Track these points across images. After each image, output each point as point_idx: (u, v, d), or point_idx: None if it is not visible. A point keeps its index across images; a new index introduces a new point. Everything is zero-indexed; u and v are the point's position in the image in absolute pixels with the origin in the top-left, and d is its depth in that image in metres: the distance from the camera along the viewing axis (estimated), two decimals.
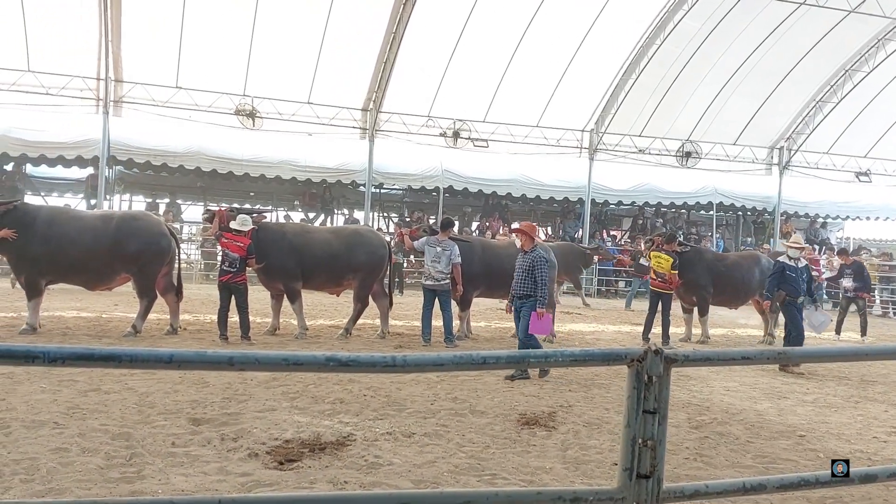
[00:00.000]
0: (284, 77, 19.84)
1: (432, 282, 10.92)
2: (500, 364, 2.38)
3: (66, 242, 10.00)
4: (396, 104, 21.08)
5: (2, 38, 17.76)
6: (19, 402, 6.32)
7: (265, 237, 10.76)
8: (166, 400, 6.72)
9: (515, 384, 8.24)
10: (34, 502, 3.65)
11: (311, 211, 23.68)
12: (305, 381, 7.77)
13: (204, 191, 23.99)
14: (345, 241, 11.44)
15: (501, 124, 22.06)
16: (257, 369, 2.07)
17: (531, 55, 20.35)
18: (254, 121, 20.01)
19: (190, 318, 11.95)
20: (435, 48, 19.95)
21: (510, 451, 5.72)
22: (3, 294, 13.61)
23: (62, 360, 1.84)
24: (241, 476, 4.91)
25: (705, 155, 24.34)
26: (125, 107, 19.28)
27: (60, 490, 4.49)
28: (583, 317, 16.30)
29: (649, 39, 20.91)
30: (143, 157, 20.10)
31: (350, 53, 19.70)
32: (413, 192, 24.42)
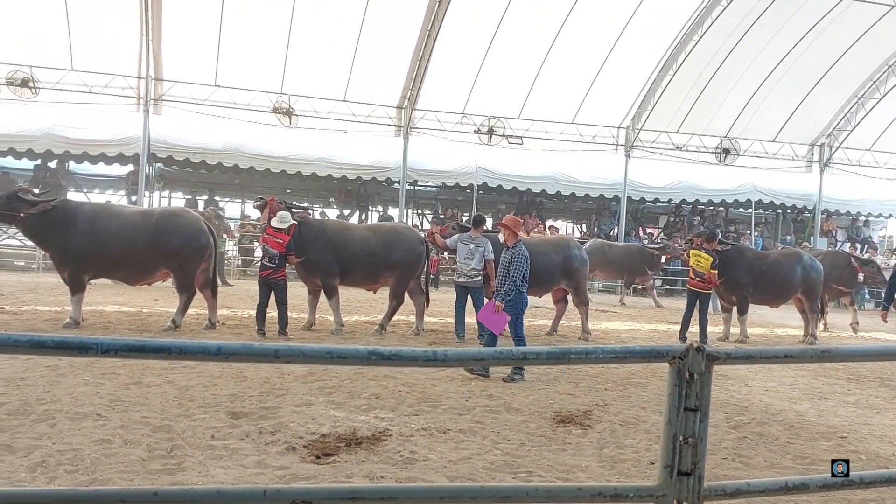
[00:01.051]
0: (321, 75, 19.99)
1: (465, 279, 10.93)
2: (541, 360, 2.38)
3: (108, 238, 10.19)
4: (431, 101, 21.12)
5: (47, 38, 18.13)
6: (63, 395, 6.45)
7: (306, 233, 10.86)
8: (206, 393, 6.81)
9: (551, 383, 8.21)
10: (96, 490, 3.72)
11: (346, 208, 23.83)
12: (341, 376, 7.82)
13: (241, 188, 24.27)
14: (383, 239, 11.51)
15: (536, 121, 21.98)
16: (302, 362, 2.10)
17: (567, 51, 20.24)
18: (290, 118, 20.19)
19: (228, 314, 12.09)
20: (470, 45, 19.95)
21: (545, 449, 5.70)
22: (48, 289, 13.90)
23: (114, 351, 1.88)
24: (279, 469, 4.97)
25: (744, 152, 24.02)
26: (165, 105, 19.59)
27: (104, 480, 4.57)
28: (618, 315, 16.19)
29: (687, 35, 20.68)
30: (182, 154, 20.41)
31: (385, 51, 19.78)
32: (447, 190, 24.45)
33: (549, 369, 8.71)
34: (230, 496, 2.08)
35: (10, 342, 1.98)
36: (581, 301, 12.22)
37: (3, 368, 7.23)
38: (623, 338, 12.76)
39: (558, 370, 8.75)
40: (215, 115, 19.82)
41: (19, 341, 1.95)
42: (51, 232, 10.11)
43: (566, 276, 12.09)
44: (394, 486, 3.97)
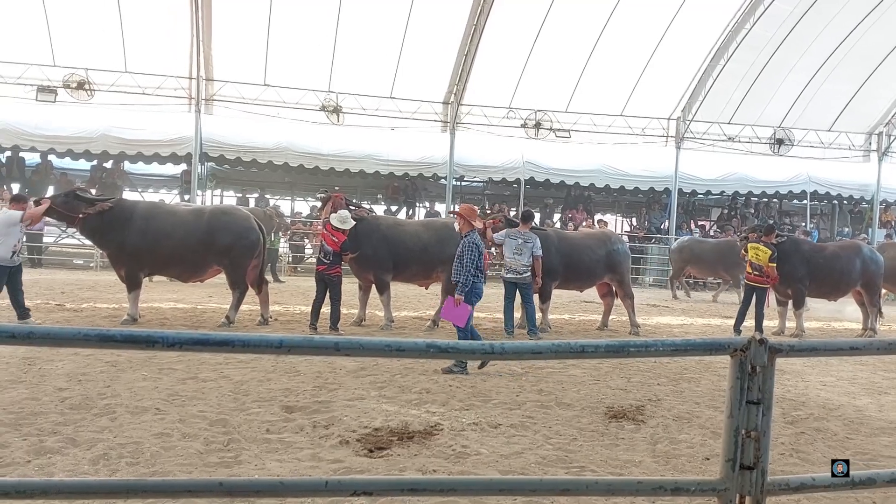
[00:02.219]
0: (367, 73, 20.10)
1: (513, 275, 10.91)
2: (599, 353, 2.36)
3: (162, 236, 10.42)
4: (477, 96, 21.08)
5: (102, 42, 18.56)
6: (123, 389, 6.61)
7: (360, 229, 10.97)
8: (260, 388, 6.91)
9: (602, 378, 8.15)
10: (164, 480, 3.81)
11: (393, 204, 23.95)
12: (392, 371, 7.88)
13: (291, 185, 24.58)
14: (435, 234, 11.58)
15: (584, 114, 21.77)
16: (361, 354, 2.12)
17: (614, 42, 20.00)
18: (339, 116, 20.36)
19: (280, 310, 12.24)
20: (516, 39, 19.86)
21: (598, 444, 5.66)
22: (106, 287, 14.25)
23: (179, 344, 1.92)
24: (333, 463, 5.02)
25: (798, 142, 23.45)
26: (216, 105, 19.92)
27: (164, 473, 4.67)
28: (670, 310, 15.97)
29: (738, 24, 20.27)
30: (233, 153, 20.74)
31: (431, 47, 19.79)
32: (494, 185, 24.38)
33: (599, 364, 8.64)
34: (292, 487, 2.11)
35: (79, 336, 2.04)
36: (626, 295, 12.13)
37: (66, 364, 7.44)
38: (675, 332, 12.58)
39: (610, 365, 8.67)
40: (265, 115, 20.09)
41: (88, 335, 2.01)
42: (108, 231, 10.37)
43: (610, 271, 12.02)
44: (453, 478, 3.98)
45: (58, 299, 12.29)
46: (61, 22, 18.17)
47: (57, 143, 19.76)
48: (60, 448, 4.98)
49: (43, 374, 7.02)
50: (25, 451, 4.87)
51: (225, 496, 2.07)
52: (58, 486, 2.10)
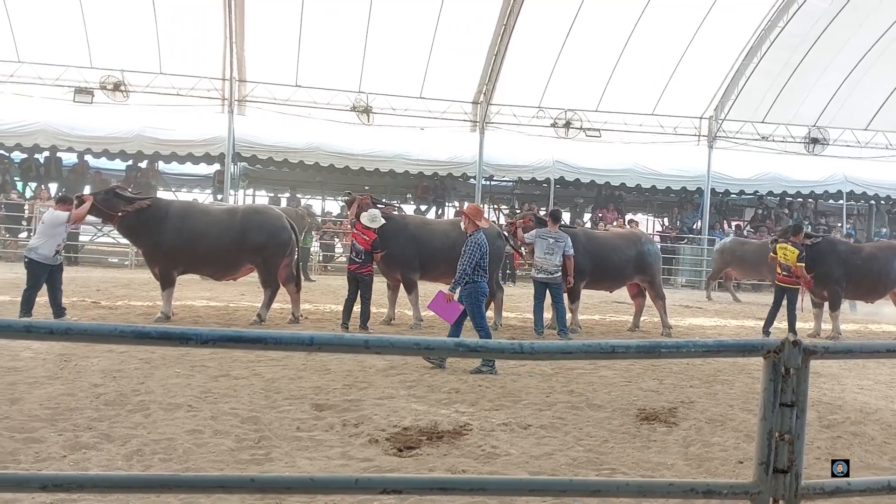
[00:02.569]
0: (397, 73, 20.17)
1: (545, 275, 10.88)
2: (630, 354, 2.34)
3: (196, 235, 10.56)
4: (506, 96, 21.04)
5: (137, 44, 18.83)
6: (157, 386, 6.69)
7: (387, 228, 11.01)
8: (291, 386, 6.97)
9: (634, 379, 8.08)
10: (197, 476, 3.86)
11: (422, 204, 23.98)
12: (421, 370, 7.89)
13: (322, 185, 24.73)
14: (462, 233, 11.56)
15: (615, 113, 21.61)
16: (391, 352, 2.12)
17: (646, 41, 19.84)
18: (369, 116, 20.44)
19: (310, 308, 12.32)
20: (546, 38, 19.78)
21: (629, 447, 5.62)
22: (140, 285, 14.45)
23: (213, 341, 1.94)
24: (363, 461, 5.04)
25: (834, 141, 23.05)
26: (248, 105, 20.11)
27: (196, 469, 4.72)
28: (703, 311, 15.80)
29: (772, 21, 20.01)
30: (265, 153, 20.92)
31: (461, 47, 19.80)
32: (523, 184, 24.30)
33: (631, 366, 8.58)
34: (323, 484, 2.13)
35: (116, 333, 2.07)
36: (657, 296, 12.03)
37: (101, 361, 7.56)
38: (708, 334, 12.46)
39: (641, 366, 8.60)
40: (296, 115, 20.23)
41: (124, 332, 2.04)
42: (144, 229, 10.53)
43: (640, 272, 11.92)
44: (483, 477, 3.98)
45: (93, 297, 12.48)
46: (98, 25, 18.46)
47: (93, 143, 20.07)
48: (95, 443, 5.06)
49: (79, 371, 7.14)
50: (61, 446, 4.96)
51: (256, 492, 2.09)
52: (93, 481, 2.14)
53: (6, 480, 2.10)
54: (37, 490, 2.08)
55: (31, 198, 20.29)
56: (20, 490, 2.08)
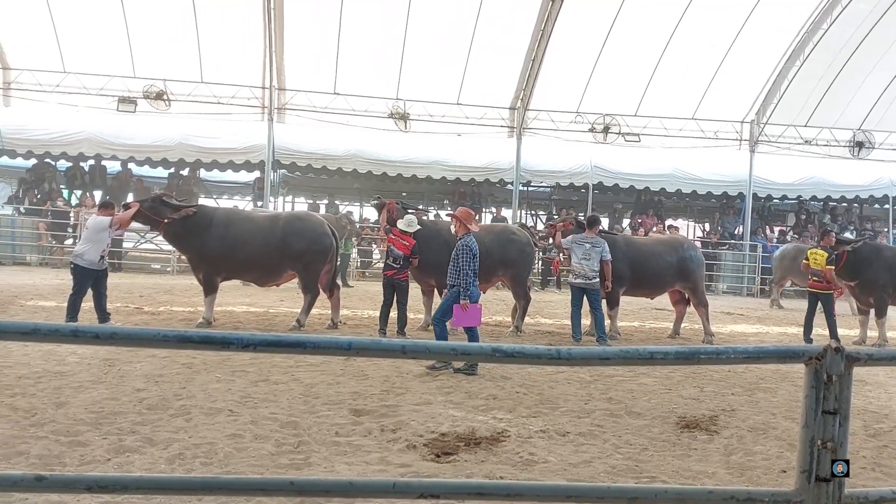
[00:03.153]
0: (435, 79, 20.23)
1: (582, 280, 10.81)
2: (669, 360, 2.32)
3: (240, 242, 10.72)
4: (544, 101, 20.97)
5: (179, 54, 19.18)
6: (198, 391, 6.79)
7: (420, 234, 11.04)
8: (329, 391, 7.02)
9: (674, 387, 7.99)
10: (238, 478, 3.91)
11: None
12: (458, 376, 7.89)
13: (360, 192, 24.90)
14: (497, 238, 11.60)
15: (654, 117, 21.43)
16: (428, 357, 2.14)
17: (686, 44, 19.65)
18: (406, 123, 20.54)
19: (349, 314, 12.40)
20: (583, 43, 19.70)
21: (669, 455, 5.56)
22: (182, 290, 14.67)
23: (254, 346, 1.97)
24: (401, 467, 5.05)
25: (879, 145, 22.55)
26: (288, 113, 20.34)
27: (237, 473, 4.78)
28: (745, 318, 15.56)
29: (815, 24, 19.67)
30: (304, 160, 21.14)
31: (498, 53, 19.81)
32: (561, 190, 24.18)
33: (672, 373, 8.48)
34: (361, 488, 2.14)
35: (159, 337, 2.11)
36: (700, 302, 11.87)
37: (144, 365, 7.69)
38: (750, 341, 12.26)
39: (682, 374, 8.51)
40: (335, 122, 20.41)
41: (167, 336, 2.08)
42: (189, 236, 10.71)
43: (682, 278, 11.78)
44: (520, 482, 3.97)
45: (136, 303, 12.71)
46: (141, 35, 18.84)
47: (136, 151, 20.44)
48: (138, 447, 5.15)
49: (122, 375, 7.27)
50: (105, 450, 5.06)
51: (295, 495, 2.11)
52: (137, 482, 2.18)
53: (54, 481, 2.16)
54: (82, 491, 2.13)
55: (76, 205, 20.73)
56: (67, 491, 2.13)
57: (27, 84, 19.35)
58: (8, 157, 20.60)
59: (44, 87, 19.29)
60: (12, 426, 5.47)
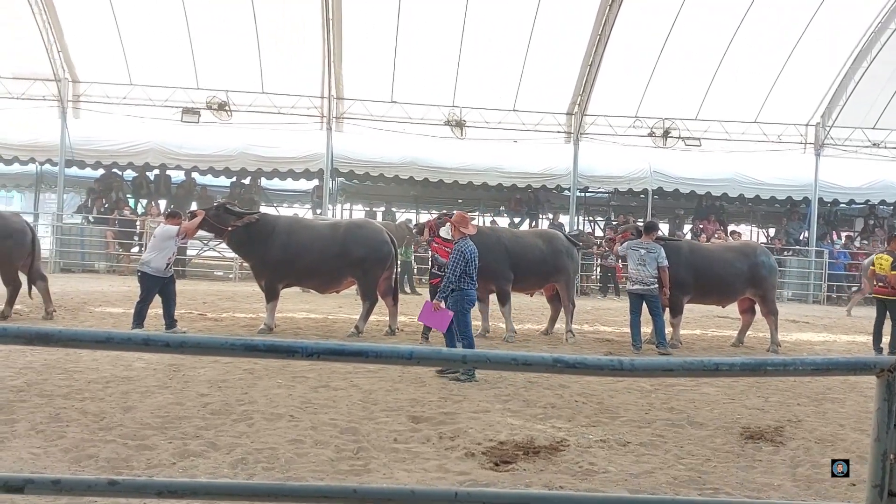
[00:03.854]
0: (491, 86, 20.25)
1: (640, 286, 10.66)
2: (734, 371, 2.27)
3: (302, 250, 10.90)
4: (601, 106, 20.78)
5: (241, 65, 19.61)
6: (260, 396, 6.91)
7: (479, 241, 11.07)
8: (388, 398, 7.06)
9: (738, 397, 7.82)
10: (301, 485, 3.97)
11: (516, 216, 23.94)
12: (516, 384, 7.86)
13: (416, 199, 25.06)
14: (550, 244, 11.62)
15: (715, 121, 21.02)
16: (487, 367, 2.14)
17: (748, 46, 19.26)
18: (462, 130, 20.59)
19: (406, 321, 12.45)
20: (642, 47, 19.48)
21: (733, 466, 5.44)
22: (244, 297, 14.96)
23: (318, 354, 2.01)
24: (459, 475, 5.05)
25: None
26: (346, 122, 20.59)
27: (297, 479, 4.84)
28: (811, 326, 15.14)
29: (882, 24, 19.07)
30: (362, 168, 21.40)
31: (554, 59, 19.72)
32: (620, 195, 23.93)
33: (734, 382, 8.30)
34: (423, 496, 2.15)
35: (226, 346, 2.17)
36: (770, 311, 11.56)
37: (207, 371, 7.86)
38: (817, 349, 11.94)
39: (745, 383, 8.31)
40: (391, 131, 20.59)
41: (234, 345, 2.13)
42: (252, 244, 10.93)
43: (752, 285, 11.49)
44: (581, 493, 3.94)
45: (200, 309, 13.00)
46: (204, 48, 19.32)
47: (200, 161, 20.95)
48: (202, 451, 5.26)
49: (187, 381, 7.44)
50: (171, 454, 5.18)
51: (357, 503, 2.13)
52: (206, 488, 2.24)
53: (126, 486, 2.22)
54: (152, 496, 2.19)
55: (142, 214, 21.35)
56: (138, 495, 2.19)
57: (96, 96, 20.00)
58: (77, 167, 21.37)
59: (111, 99, 19.91)
60: (82, 430, 5.64)
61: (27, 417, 5.86)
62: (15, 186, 26.04)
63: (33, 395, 6.55)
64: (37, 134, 20.54)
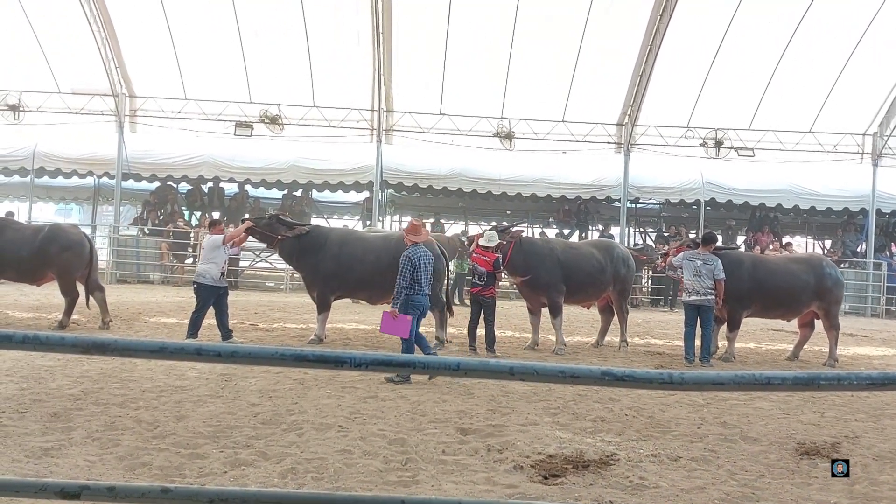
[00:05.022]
0: (539, 97, 20.22)
1: (697, 297, 10.51)
2: (787, 385, 2.23)
3: (354, 261, 10.99)
4: (652, 116, 20.57)
5: (292, 79, 19.92)
6: (309, 406, 6.98)
7: (532, 250, 11.09)
8: (436, 409, 7.07)
9: (792, 412, 7.63)
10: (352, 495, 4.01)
11: (565, 227, 23.80)
12: (565, 397, 7.80)
13: (464, 210, 25.09)
14: (607, 254, 11.57)
15: (768, 131, 20.64)
16: (535, 380, 2.13)
17: (802, 54, 18.87)
18: (511, 141, 20.58)
19: (454, 332, 12.45)
20: (694, 56, 19.26)
21: (788, 483, 5.32)
22: (295, 308, 15.14)
23: (366, 365, 2.03)
24: (508, 487, 5.04)
25: None
26: (395, 134, 20.76)
27: (346, 489, 4.88)
28: (869, 340, 14.72)
29: None
30: (411, 180, 21.54)
31: (604, 69, 19.62)
32: (671, 206, 23.60)
33: (790, 397, 8.11)
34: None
35: (276, 356, 2.20)
36: (832, 325, 11.23)
37: (258, 381, 7.98)
38: (875, 364, 11.59)
39: (800, 398, 8.11)
40: (440, 143, 20.69)
41: (284, 355, 2.17)
42: (304, 255, 11.08)
43: (818, 298, 11.18)
44: None
45: (252, 319, 13.19)
46: (257, 62, 19.68)
47: (252, 173, 21.32)
48: (253, 461, 5.34)
49: (238, 390, 7.56)
50: (222, 462, 5.27)
51: None
52: (256, 496, 2.27)
53: (178, 494, 2.27)
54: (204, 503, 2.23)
55: (196, 226, 21.80)
56: (190, 503, 2.24)
57: (151, 111, 20.51)
58: (133, 180, 21.93)
59: (166, 113, 20.40)
60: (136, 438, 5.77)
61: (83, 425, 6.02)
62: (74, 199, 26.80)
63: (89, 404, 6.72)
64: (94, 148, 21.15)
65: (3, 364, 8.12)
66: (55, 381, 7.56)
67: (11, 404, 6.56)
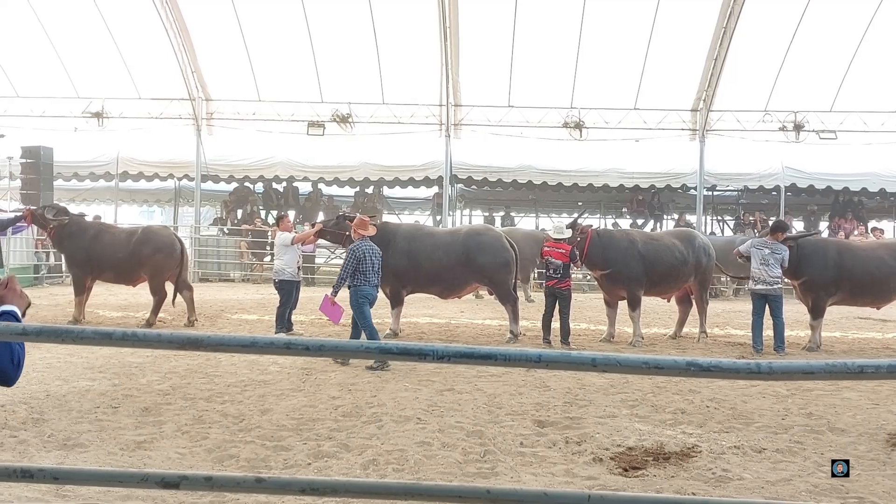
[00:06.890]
0: (610, 86, 19.93)
1: (763, 286, 10.24)
2: (881, 374, 2.16)
3: (424, 257, 11.11)
4: (728, 101, 20.03)
5: (362, 77, 20.17)
6: (388, 399, 7.09)
7: (611, 244, 10.97)
8: (512, 401, 7.09)
9: (882, 401, 7.37)
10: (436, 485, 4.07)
11: (639, 217, 23.43)
12: (644, 389, 7.71)
13: (534, 203, 24.96)
14: (688, 244, 11.36)
15: (851, 112, 19.84)
16: (618, 371, 2.12)
17: (886, 31, 18.08)
18: (581, 131, 20.35)
19: (527, 325, 12.43)
20: (770, 37, 18.67)
21: (879, 474, 5.15)
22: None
23: (448, 357, 2.06)
24: (587, 479, 5.02)
25: None
26: (463, 129, 20.79)
27: (427, 480, 4.94)
28: None
29: None
30: (480, 174, 21.53)
31: (677, 55, 19.19)
32: (749, 193, 22.95)
33: (878, 387, 7.83)
34: (556, 498, 2.16)
35: (362, 349, 2.26)
36: None
37: (338, 375, 8.14)
38: None
39: (890, 387, 7.82)
40: (509, 136, 20.62)
41: (370, 348, 2.23)
42: None
43: None
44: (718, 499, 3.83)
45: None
46: (327, 63, 19.99)
47: (325, 172, 21.71)
48: (335, 452, 5.46)
49: (318, 384, 7.73)
50: (306, 454, 5.40)
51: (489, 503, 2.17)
52: (345, 486, 2.33)
53: (271, 483, 2.36)
54: (297, 493, 2.30)
55: (273, 225, 22.30)
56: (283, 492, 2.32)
57: (227, 113, 21.08)
58: (212, 181, 22.58)
59: (241, 115, 20.94)
60: (223, 431, 5.97)
61: (173, 419, 6.25)
62: (156, 201, 27.77)
63: (178, 398, 6.98)
64: (174, 151, 21.90)
65: (95, 361, 8.49)
66: (145, 377, 7.87)
67: (105, 400, 6.86)
